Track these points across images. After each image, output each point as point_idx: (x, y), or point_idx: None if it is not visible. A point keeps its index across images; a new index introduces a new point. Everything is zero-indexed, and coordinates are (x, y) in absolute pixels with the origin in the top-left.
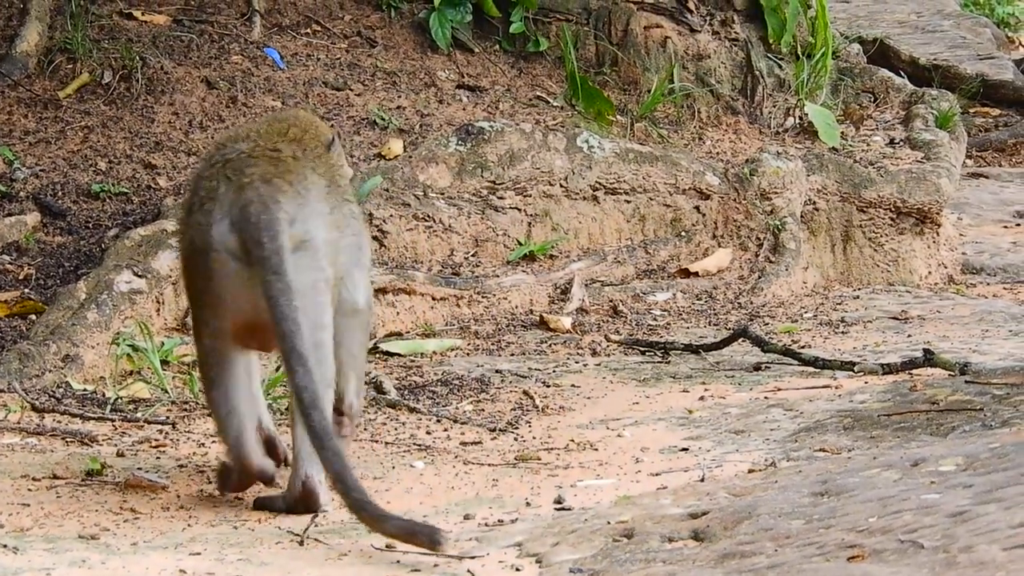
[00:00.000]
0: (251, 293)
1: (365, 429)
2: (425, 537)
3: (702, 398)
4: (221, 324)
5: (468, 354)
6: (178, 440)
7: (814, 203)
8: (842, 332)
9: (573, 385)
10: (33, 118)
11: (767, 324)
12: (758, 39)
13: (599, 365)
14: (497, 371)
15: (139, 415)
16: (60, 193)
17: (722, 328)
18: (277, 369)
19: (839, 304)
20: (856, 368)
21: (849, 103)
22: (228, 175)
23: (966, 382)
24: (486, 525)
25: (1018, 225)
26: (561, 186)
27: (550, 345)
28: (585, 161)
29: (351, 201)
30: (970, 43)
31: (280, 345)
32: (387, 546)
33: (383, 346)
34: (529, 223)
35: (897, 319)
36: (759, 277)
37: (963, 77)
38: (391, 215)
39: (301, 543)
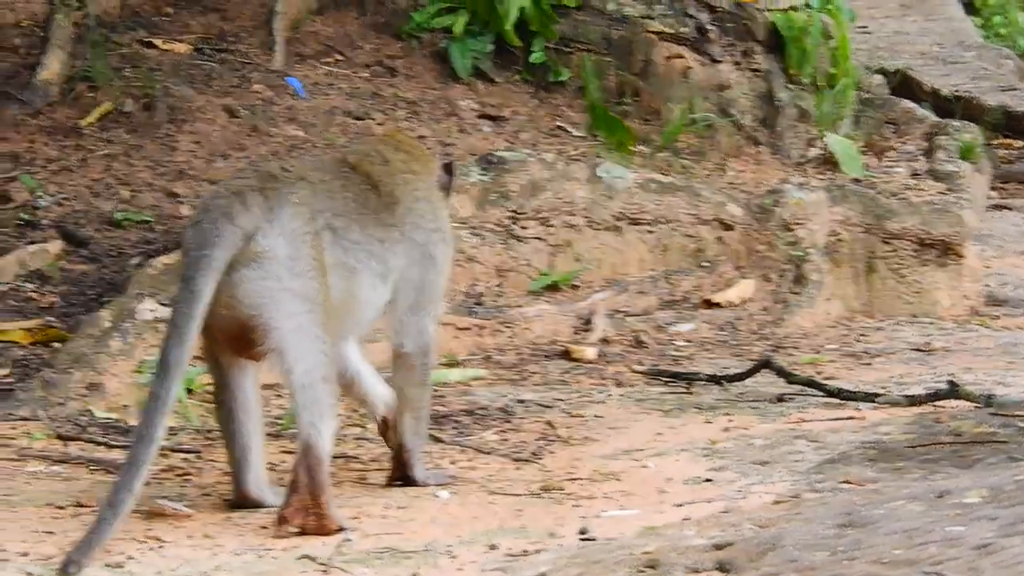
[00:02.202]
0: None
1: (389, 459)
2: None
3: (726, 429)
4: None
5: (492, 384)
6: (203, 468)
7: (837, 234)
8: (866, 363)
9: (597, 415)
10: (55, 146)
11: (791, 355)
12: (780, 70)
13: (623, 396)
14: (521, 401)
15: (164, 444)
16: (83, 221)
17: (745, 359)
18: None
19: (863, 335)
20: (880, 399)
21: (871, 134)
22: (226, 184)
23: (991, 414)
24: (511, 555)
25: None
26: (583, 216)
27: (574, 375)
28: (607, 191)
29: (435, 224)
30: (992, 74)
31: (162, 345)
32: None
33: None
34: (552, 253)
35: (921, 350)
36: (782, 308)
37: (985, 108)
38: None
39: (325, 572)
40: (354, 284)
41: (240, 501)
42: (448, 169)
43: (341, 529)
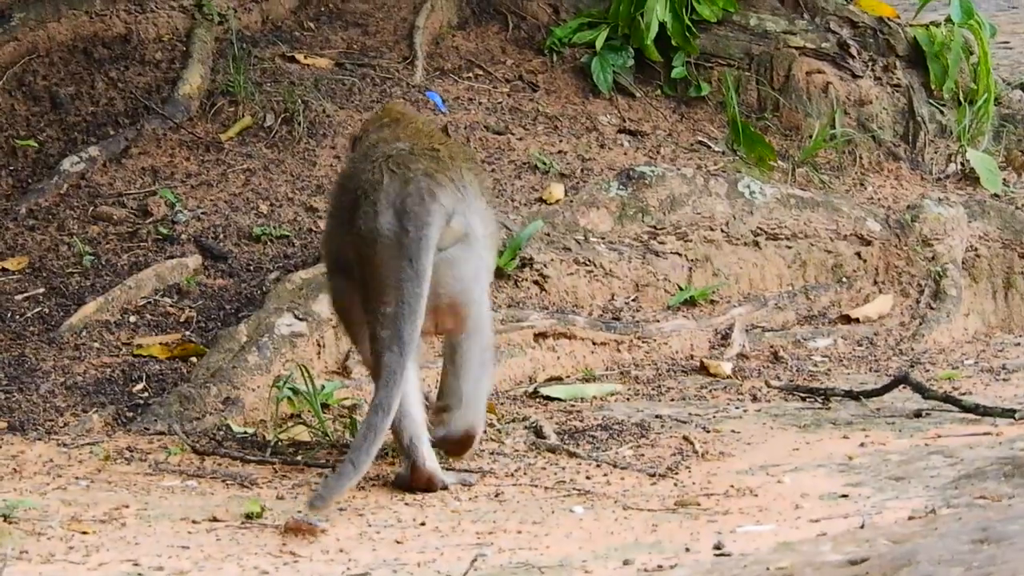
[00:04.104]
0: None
1: (524, 474)
2: (313, 499)
3: (862, 444)
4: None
5: (628, 399)
6: None
7: (975, 249)
8: (1003, 379)
9: (733, 431)
10: (195, 161)
11: (928, 371)
12: (920, 85)
13: (759, 411)
14: (657, 416)
15: (299, 458)
16: (221, 236)
17: (883, 374)
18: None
19: (1000, 351)
20: (1017, 415)
21: (1011, 149)
22: (392, 168)
23: None
24: (645, 571)
25: None
26: (722, 231)
27: (710, 390)
28: (746, 206)
29: (486, 184)
30: None
31: (391, 323)
32: None
33: (543, 390)
34: (690, 268)
35: None
36: (920, 323)
37: None
38: (552, 259)
39: None
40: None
41: (417, 481)
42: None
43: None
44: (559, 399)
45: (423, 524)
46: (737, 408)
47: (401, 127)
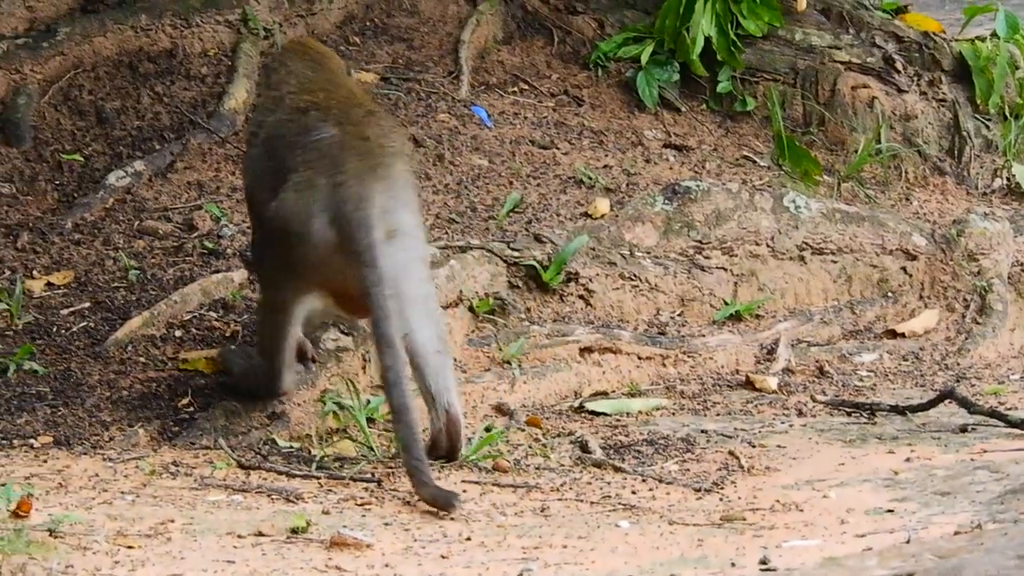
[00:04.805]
0: (344, 276)
1: (570, 488)
2: (443, 503)
3: (908, 459)
4: (301, 291)
5: (673, 414)
6: (384, 498)
7: (1021, 264)
8: None
9: (779, 445)
10: (240, 175)
11: (973, 386)
12: (965, 100)
13: (805, 426)
14: (703, 431)
15: (344, 473)
16: None
17: (928, 389)
18: (487, 429)
19: None
20: None
21: None
22: (324, 169)
23: None
24: None
25: None
26: (768, 246)
27: (756, 405)
28: (792, 221)
29: (407, 154)
30: None
31: (372, 329)
32: None
33: (589, 405)
34: (735, 283)
35: None
36: (966, 338)
37: None
38: (597, 274)
39: None
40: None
41: (274, 396)
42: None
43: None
44: (605, 414)
45: (468, 539)
46: (783, 423)
47: (321, 80)
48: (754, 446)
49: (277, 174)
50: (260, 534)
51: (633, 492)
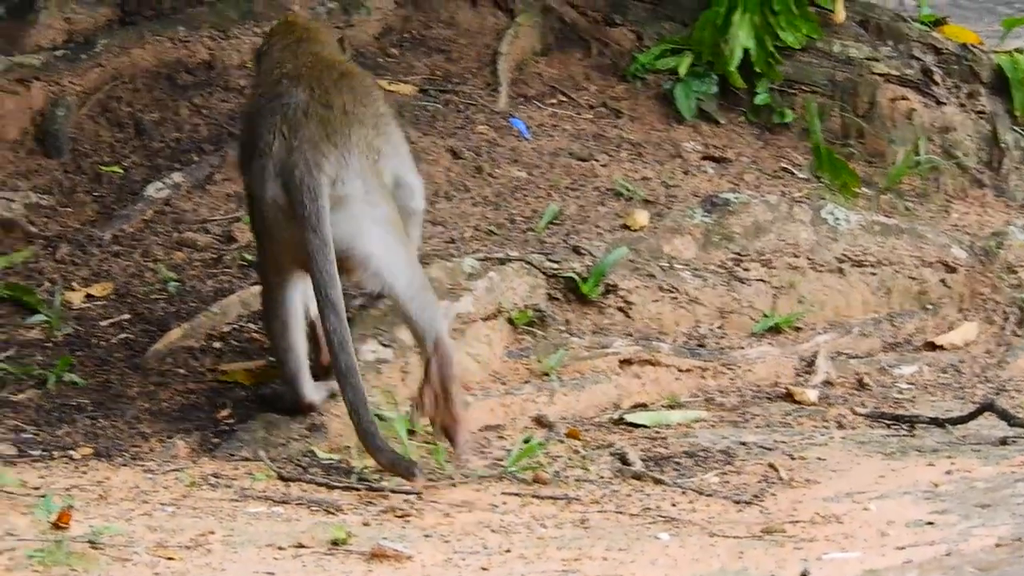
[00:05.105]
0: (298, 240)
1: (610, 500)
2: (403, 469)
3: (948, 472)
4: (277, 261)
5: (713, 426)
6: (423, 510)
7: None
8: None
9: (819, 458)
10: None
11: (1013, 398)
12: (1004, 112)
13: (845, 438)
14: (742, 443)
15: (384, 484)
16: None
17: (968, 402)
18: (526, 441)
19: None
20: None
21: None
22: (283, 131)
23: None
24: None
25: None
26: (807, 258)
27: (795, 418)
28: (831, 233)
29: (384, 114)
30: None
31: (316, 294)
32: None
33: (628, 417)
34: (774, 295)
35: None
36: (1005, 351)
37: None
38: (636, 286)
39: None
40: (397, 192)
41: (302, 408)
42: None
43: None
44: (644, 426)
45: (508, 551)
46: (822, 435)
47: (303, 52)
48: (794, 458)
49: (253, 146)
50: (300, 546)
51: (673, 504)
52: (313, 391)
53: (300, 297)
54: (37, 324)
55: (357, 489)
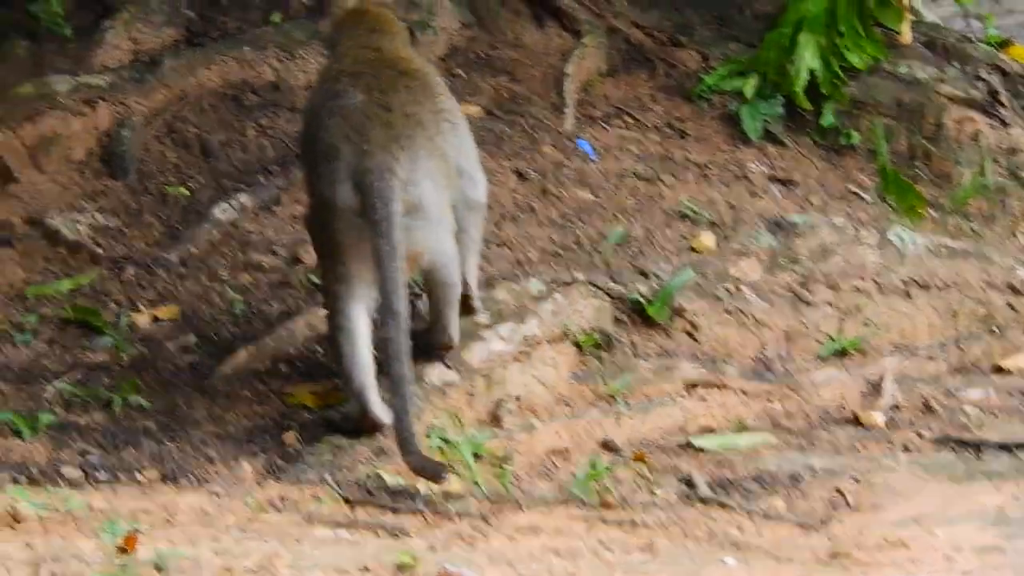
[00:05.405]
0: (366, 245)
1: (676, 525)
2: (431, 472)
3: (1015, 497)
4: (345, 270)
5: (780, 450)
6: (489, 534)
7: None
8: None
9: (885, 482)
10: None
11: None
12: None
13: (911, 462)
14: (809, 467)
15: (451, 508)
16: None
17: None
18: (592, 465)
19: None
20: None
21: None
22: (349, 134)
23: None
24: None
25: None
26: (873, 281)
27: (862, 442)
28: (897, 256)
29: (445, 110)
30: None
31: (381, 299)
32: None
33: (695, 441)
34: (840, 318)
35: None
36: None
37: None
38: (702, 308)
39: None
40: (459, 182)
41: (367, 426)
42: (412, 33)
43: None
44: (710, 450)
45: (574, 575)
46: (889, 459)
47: (368, 45)
48: (860, 482)
49: (314, 143)
50: (366, 570)
51: (739, 529)
52: (380, 409)
53: (366, 312)
54: (103, 347)
55: (423, 513)
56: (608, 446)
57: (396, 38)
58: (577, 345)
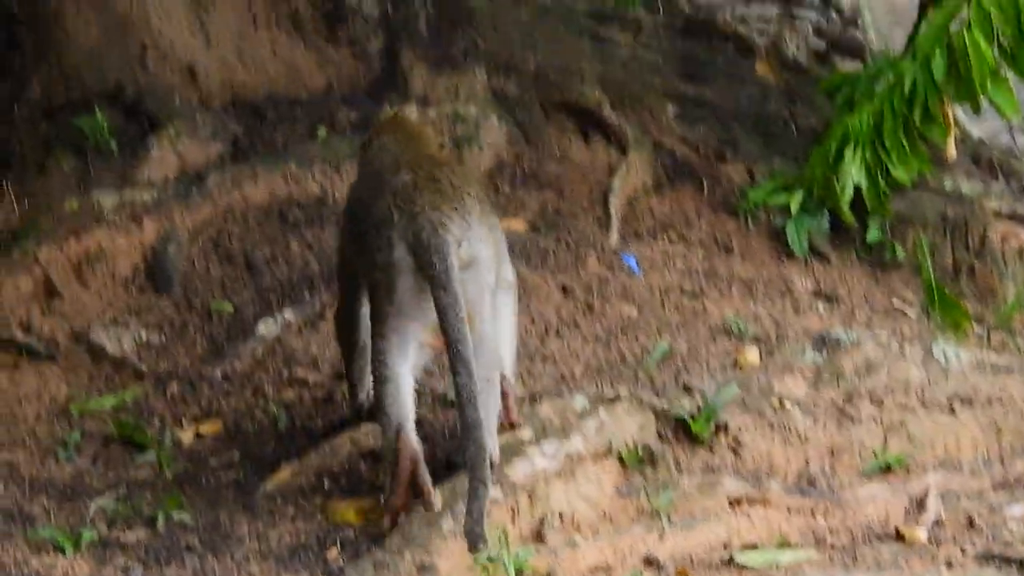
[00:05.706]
0: (427, 302)
1: None
2: (472, 538)
3: None
4: (399, 324)
5: (823, 566)
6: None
7: None
8: None
9: None
10: None
11: None
12: None
13: None
14: None
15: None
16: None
17: None
18: None
19: None
20: None
21: None
22: (399, 205)
23: None
24: None
25: None
26: (917, 397)
27: (905, 558)
28: (941, 372)
29: (484, 200)
30: None
31: (448, 350)
32: None
33: (738, 558)
34: (885, 434)
35: None
36: None
37: None
38: (746, 424)
39: None
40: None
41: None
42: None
43: None
44: (753, 566)
45: None
46: (932, 575)
47: (403, 144)
48: None
49: (360, 223)
50: None
51: None
52: (415, 435)
53: (410, 372)
54: (147, 462)
55: None
56: (651, 562)
57: (432, 144)
58: (621, 460)
